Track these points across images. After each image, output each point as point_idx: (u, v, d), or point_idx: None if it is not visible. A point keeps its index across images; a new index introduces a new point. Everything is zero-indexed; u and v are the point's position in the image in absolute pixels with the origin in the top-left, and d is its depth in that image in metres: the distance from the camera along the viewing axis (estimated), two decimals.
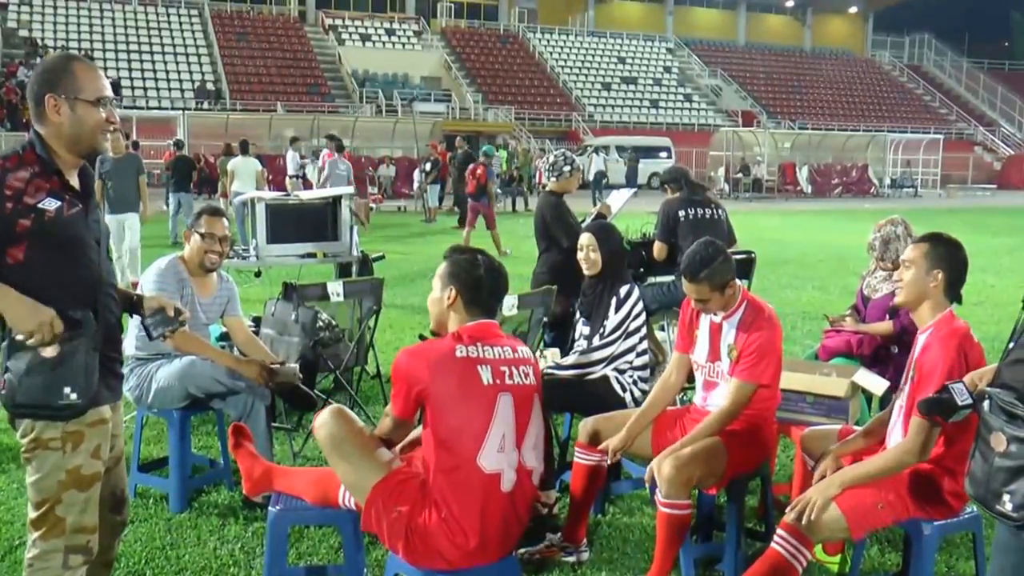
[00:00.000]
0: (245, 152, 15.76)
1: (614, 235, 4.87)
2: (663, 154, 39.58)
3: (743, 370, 3.77)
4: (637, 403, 4.65)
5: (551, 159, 6.38)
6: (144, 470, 4.89)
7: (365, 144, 33.57)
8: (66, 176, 2.74)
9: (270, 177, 20.19)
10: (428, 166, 23.17)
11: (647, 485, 3.76)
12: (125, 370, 4.55)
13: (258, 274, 6.94)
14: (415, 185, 25.33)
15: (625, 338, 4.62)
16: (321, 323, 5.75)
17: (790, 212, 27.67)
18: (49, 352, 2.60)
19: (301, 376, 4.66)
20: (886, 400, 5.00)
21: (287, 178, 20.68)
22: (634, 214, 8.30)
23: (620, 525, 4.50)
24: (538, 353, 5.40)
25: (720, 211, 6.41)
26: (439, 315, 3.22)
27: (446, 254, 3.28)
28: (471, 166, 17.68)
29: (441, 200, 23.96)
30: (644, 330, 4.71)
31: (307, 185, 19.88)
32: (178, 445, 4.58)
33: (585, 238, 4.81)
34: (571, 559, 4.07)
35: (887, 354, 5.20)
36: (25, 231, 2.62)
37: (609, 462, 4.04)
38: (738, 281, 4.00)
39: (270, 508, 3.44)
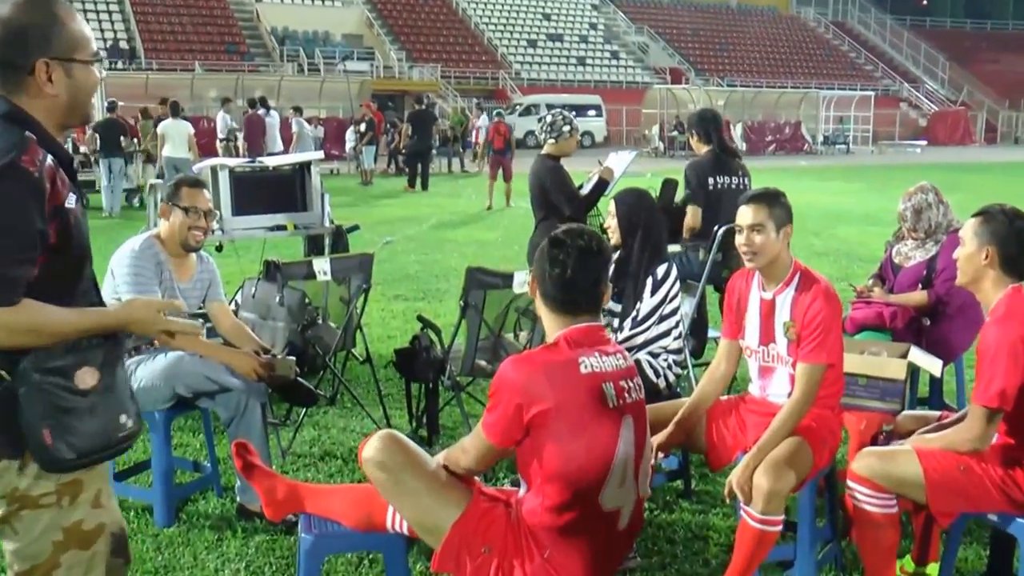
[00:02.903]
0: (176, 114, 14.78)
1: (639, 201, 4.38)
2: (592, 112, 39.19)
3: (810, 350, 3.37)
4: (671, 388, 4.29)
5: (549, 118, 5.87)
6: (120, 478, 4.29)
7: (290, 104, 32.47)
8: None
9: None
10: (363, 127, 22.33)
11: (728, 500, 3.37)
12: None
13: (219, 248, 6.32)
14: (348, 146, 24.48)
15: (659, 322, 4.20)
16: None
17: None
18: (89, 380, 2.04)
19: (298, 369, 4.14)
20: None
21: (218, 141, 19.67)
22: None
23: (661, 523, 4.11)
24: None
25: (747, 180, 5.96)
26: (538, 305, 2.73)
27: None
28: (493, 123, 18.96)
29: (375, 160, 23.19)
30: (679, 313, 4.30)
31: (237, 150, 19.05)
32: (162, 451, 4.01)
33: (611, 205, 4.37)
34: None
35: (919, 326, 4.90)
36: (56, 242, 2.03)
37: (653, 462, 3.63)
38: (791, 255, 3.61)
39: (303, 535, 2.91)
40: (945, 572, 3.39)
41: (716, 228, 5.52)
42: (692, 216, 5.76)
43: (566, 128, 5.78)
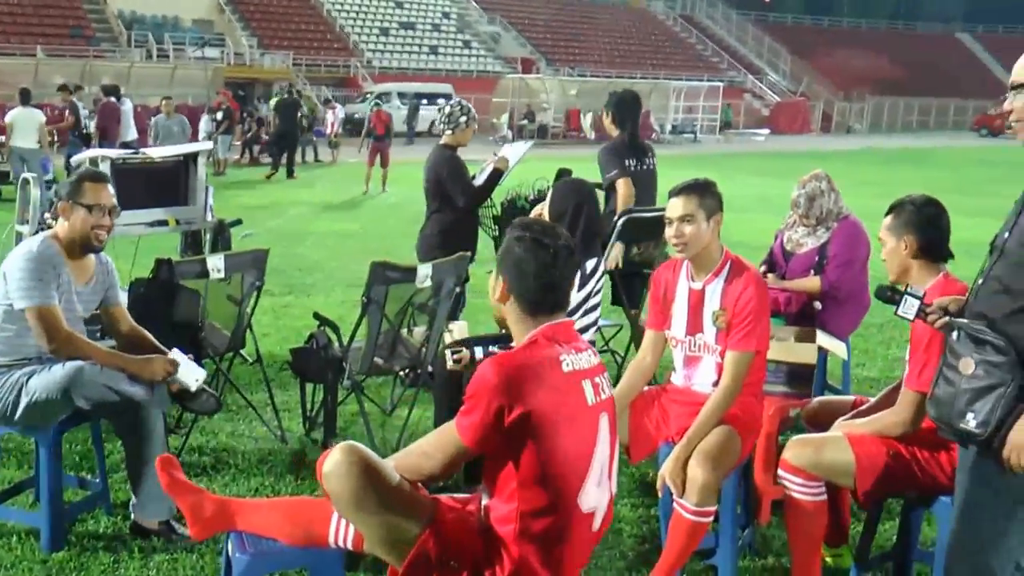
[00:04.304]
0: (26, 102, 13.77)
1: (571, 191, 4.19)
2: (443, 101, 39.03)
3: (740, 339, 3.42)
4: None
5: (447, 109, 5.78)
6: None
7: (138, 91, 31.03)
8: None
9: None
10: (220, 115, 21.54)
11: (659, 493, 3.37)
12: None
13: None
14: (201, 135, 23.55)
15: (583, 316, 4.16)
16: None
17: (577, 157, 27.45)
18: None
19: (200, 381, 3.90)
20: None
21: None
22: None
23: None
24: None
25: (654, 159, 6.00)
26: (496, 310, 2.62)
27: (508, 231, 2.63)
28: (375, 111, 19.45)
29: (229, 149, 22.47)
30: (600, 305, 4.28)
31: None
32: (52, 468, 3.68)
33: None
34: None
35: (811, 311, 5.04)
36: None
37: None
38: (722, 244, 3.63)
39: (237, 554, 2.71)
40: (864, 552, 3.48)
41: (616, 217, 5.53)
42: (625, 187, 5.71)
43: (463, 119, 5.70)
